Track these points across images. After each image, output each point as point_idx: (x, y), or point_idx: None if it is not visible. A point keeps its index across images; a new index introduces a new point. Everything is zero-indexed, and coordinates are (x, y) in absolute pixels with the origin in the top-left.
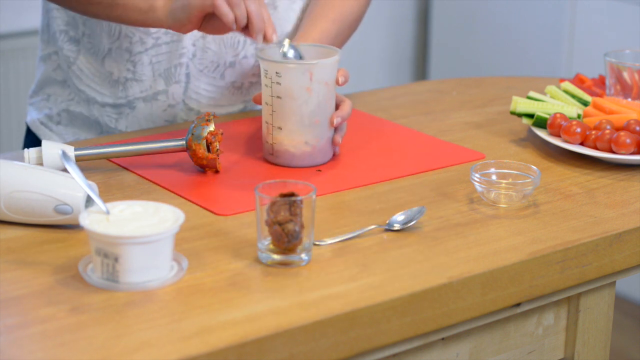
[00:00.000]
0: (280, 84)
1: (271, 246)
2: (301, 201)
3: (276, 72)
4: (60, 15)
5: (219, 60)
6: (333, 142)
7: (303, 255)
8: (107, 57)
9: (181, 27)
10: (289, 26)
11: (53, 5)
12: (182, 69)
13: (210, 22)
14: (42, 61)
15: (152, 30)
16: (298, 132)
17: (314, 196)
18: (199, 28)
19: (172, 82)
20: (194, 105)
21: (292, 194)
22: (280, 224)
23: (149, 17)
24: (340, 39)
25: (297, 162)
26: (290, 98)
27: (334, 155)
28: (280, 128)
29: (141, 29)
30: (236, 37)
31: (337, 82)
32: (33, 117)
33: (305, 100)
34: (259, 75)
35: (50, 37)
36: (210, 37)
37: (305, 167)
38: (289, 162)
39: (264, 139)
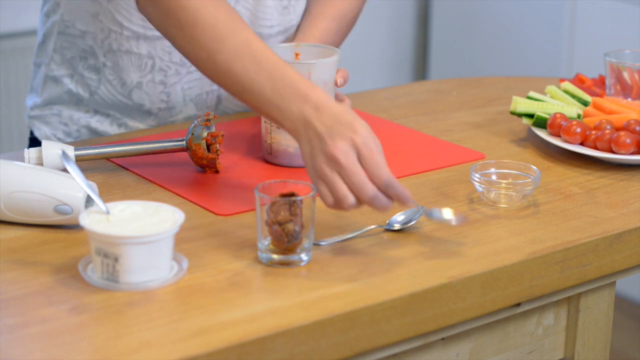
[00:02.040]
0: None
1: (271, 246)
2: (301, 201)
3: None
4: (77, 42)
5: None
6: None
7: (303, 255)
8: (135, 90)
9: None
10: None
11: (72, 32)
12: (214, 94)
13: None
14: (53, 81)
15: (187, 61)
16: None
17: (314, 196)
18: None
19: (204, 107)
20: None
21: (292, 194)
22: (280, 224)
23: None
24: (340, 37)
25: (296, 161)
26: None
27: None
28: (278, 127)
29: (177, 61)
30: None
31: (335, 84)
32: (46, 132)
33: None
34: None
35: (65, 61)
36: None
37: (302, 167)
38: (288, 162)
39: (263, 139)
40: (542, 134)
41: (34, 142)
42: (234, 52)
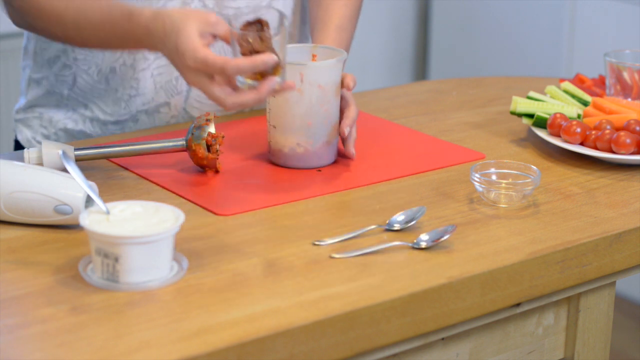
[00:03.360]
0: None
1: (249, 79)
2: (268, 27)
3: None
4: (53, 42)
5: None
6: (347, 154)
7: (277, 79)
8: (111, 75)
9: None
10: None
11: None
12: (183, 80)
13: None
14: (35, 83)
15: None
16: (289, 133)
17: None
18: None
19: (174, 93)
20: (196, 113)
21: (259, 22)
22: (256, 52)
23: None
24: (354, 25)
25: (290, 162)
26: (281, 97)
27: (341, 158)
28: (274, 127)
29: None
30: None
31: (348, 87)
32: (27, 136)
33: (296, 101)
34: None
35: (45, 62)
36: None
37: (298, 168)
38: (283, 162)
39: (267, 136)
40: (542, 134)
41: (18, 145)
42: (94, 13)
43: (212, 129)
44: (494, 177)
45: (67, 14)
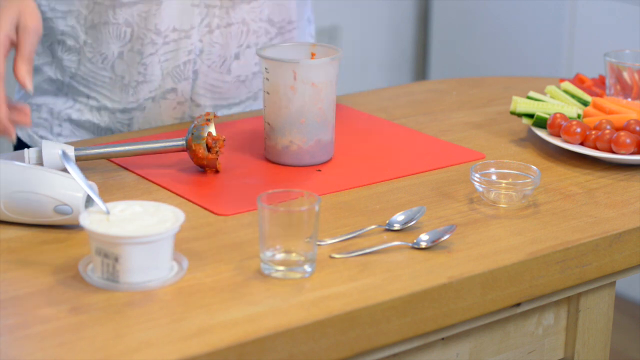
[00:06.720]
0: (268, 79)
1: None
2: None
3: (265, 68)
4: (56, 25)
5: (225, 54)
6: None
7: (306, 267)
8: (117, 62)
9: None
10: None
11: (51, 15)
12: (190, 66)
13: None
14: (33, 71)
15: (162, 28)
16: (283, 130)
17: (317, 207)
18: None
19: (181, 79)
20: (201, 101)
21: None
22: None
23: None
24: None
25: (283, 160)
26: (275, 95)
27: (340, 158)
28: (269, 124)
29: (152, 29)
30: (240, 27)
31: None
32: (27, 131)
33: (289, 98)
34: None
35: (45, 49)
36: (217, 31)
37: (291, 166)
38: (277, 159)
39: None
40: (542, 134)
41: (19, 142)
42: None
43: (212, 129)
44: (494, 177)
45: None
